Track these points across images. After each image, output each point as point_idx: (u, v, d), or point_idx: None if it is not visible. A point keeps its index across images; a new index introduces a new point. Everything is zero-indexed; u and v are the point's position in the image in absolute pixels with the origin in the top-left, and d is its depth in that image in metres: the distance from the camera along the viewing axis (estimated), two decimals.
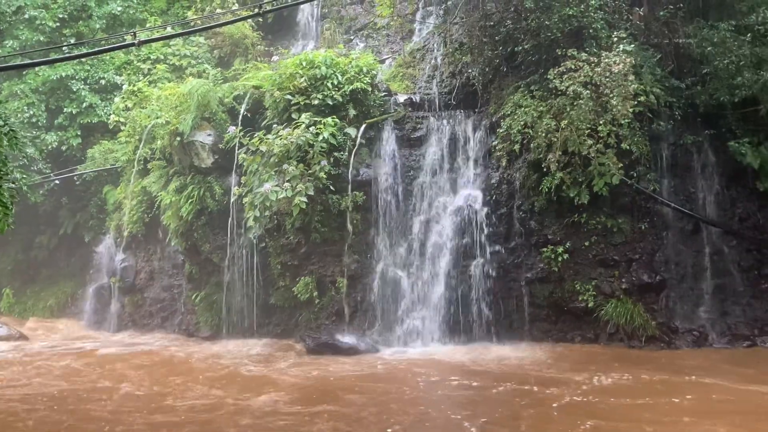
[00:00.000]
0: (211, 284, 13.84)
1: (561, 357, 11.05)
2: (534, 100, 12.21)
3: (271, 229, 12.93)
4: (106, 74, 17.51)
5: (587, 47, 11.85)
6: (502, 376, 9.80)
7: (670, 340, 11.58)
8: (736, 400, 8.42)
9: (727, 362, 10.42)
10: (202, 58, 17.75)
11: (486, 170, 12.99)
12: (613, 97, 11.06)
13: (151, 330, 14.78)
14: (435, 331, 12.22)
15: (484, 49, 13.30)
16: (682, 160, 12.36)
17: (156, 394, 9.37)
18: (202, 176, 13.69)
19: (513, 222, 12.51)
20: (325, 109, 12.71)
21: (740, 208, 12.25)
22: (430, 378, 10.11)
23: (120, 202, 15.86)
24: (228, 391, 9.31)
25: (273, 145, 12.06)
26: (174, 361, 11.74)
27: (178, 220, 13.73)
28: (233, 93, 14.01)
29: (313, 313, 12.83)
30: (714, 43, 11.56)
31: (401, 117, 13.49)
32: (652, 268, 11.93)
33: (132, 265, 15.54)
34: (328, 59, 13.06)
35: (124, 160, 15.73)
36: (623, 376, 9.58)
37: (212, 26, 15.75)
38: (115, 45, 11.05)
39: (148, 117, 14.67)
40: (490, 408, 8.49)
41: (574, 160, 11.48)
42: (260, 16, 14.37)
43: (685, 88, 12.25)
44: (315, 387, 9.59)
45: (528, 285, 12.26)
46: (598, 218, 11.91)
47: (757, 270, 11.93)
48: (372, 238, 12.82)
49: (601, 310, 11.67)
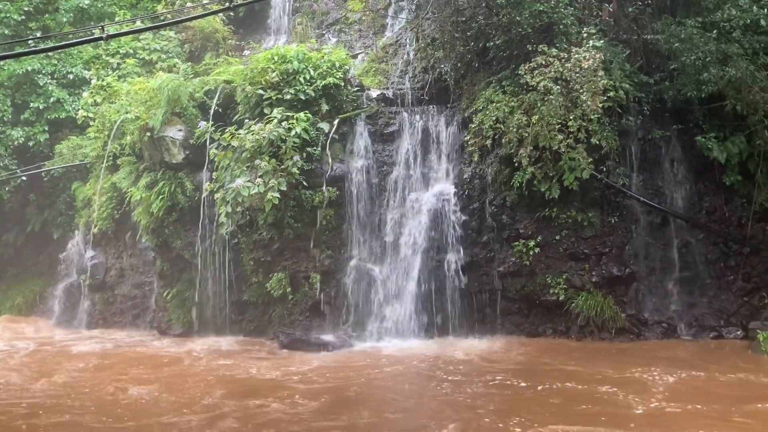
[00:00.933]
0: (182, 281, 13.72)
1: (531, 350, 11.19)
2: (505, 95, 12.29)
3: (244, 225, 12.85)
4: (74, 69, 17.19)
5: (558, 43, 11.97)
6: (473, 368, 9.90)
7: (640, 332, 11.78)
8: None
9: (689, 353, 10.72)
10: (172, 53, 17.52)
11: (458, 165, 13.05)
12: (583, 92, 11.18)
13: (122, 328, 14.57)
14: (408, 325, 12.25)
15: (456, 44, 13.35)
16: (650, 155, 12.54)
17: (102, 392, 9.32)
18: (172, 172, 13.53)
19: (485, 216, 12.60)
20: (297, 104, 12.65)
21: (707, 202, 12.47)
22: (398, 369, 10.21)
23: (89, 199, 15.61)
24: (188, 390, 9.27)
25: (245, 141, 11.98)
26: (139, 359, 11.61)
27: (148, 217, 13.57)
28: (204, 88, 13.87)
29: (287, 309, 12.79)
30: (681, 40, 11.73)
31: (374, 112, 13.47)
32: (622, 261, 12.11)
33: (102, 263, 15.32)
34: (300, 54, 12.99)
35: (93, 155, 15.48)
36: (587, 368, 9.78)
37: (182, 20, 15.57)
38: (82, 39, 10.87)
39: (117, 112, 14.44)
40: (448, 400, 8.59)
41: (544, 155, 11.58)
42: (231, 10, 14.30)
43: (653, 83, 12.42)
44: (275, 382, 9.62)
45: (500, 279, 12.36)
46: (569, 212, 12.04)
47: (723, 262, 12.17)
48: (345, 234, 12.81)
49: (571, 303, 11.82)
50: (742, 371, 9.42)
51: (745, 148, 11.80)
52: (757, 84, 11.25)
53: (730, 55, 11.38)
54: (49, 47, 14.05)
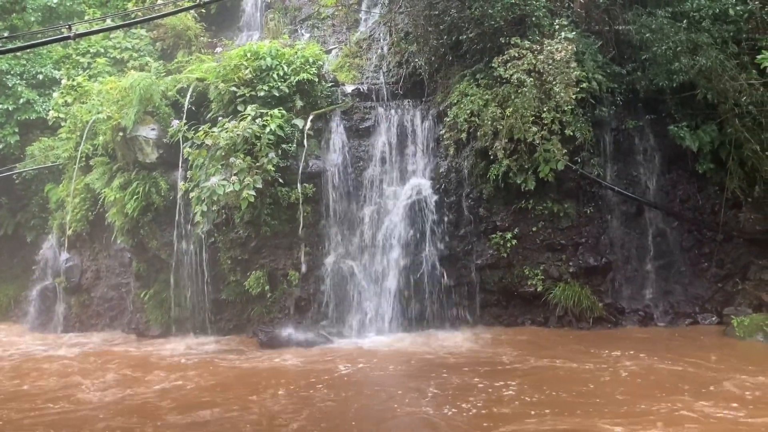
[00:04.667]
0: (159, 281, 13.58)
1: (510, 340, 11.26)
2: (479, 88, 12.31)
3: (220, 223, 12.75)
4: (44, 69, 16.91)
5: (530, 35, 12.00)
6: (453, 361, 9.94)
7: (617, 321, 11.91)
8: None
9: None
10: (143, 51, 17.31)
11: (434, 159, 13.06)
12: (556, 84, 11.24)
13: (99, 330, 14.40)
14: (388, 320, 12.26)
15: (429, 38, 13.34)
16: (624, 145, 12.66)
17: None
18: (146, 172, 13.38)
19: (462, 210, 12.62)
20: (271, 101, 12.57)
21: (681, 191, 12.62)
22: (374, 363, 10.21)
23: (63, 201, 15.37)
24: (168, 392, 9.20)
25: (219, 138, 11.87)
26: (116, 360, 11.48)
27: (123, 217, 13.41)
28: (177, 86, 13.72)
29: (266, 307, 12.72)
30: (652, 30, 11.83)
31: (349, 107, 13.43)
32: (598, 251, 12.21)
33: (77, 265, 15.11)
34: (273, 50, 12.90)
35: (66, 157, 15.24)
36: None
37: (153, 17, 15.32)
38: (51, 38, 10.65)
39: (89, 112, 14.22)
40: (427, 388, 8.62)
41: (519, 147, 11.63)
42: (202, 7, 14.19)
43: (625, 74, 12.51)
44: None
45: (478, 271, 12.41)
46: (545, 204, 12.12)
47: (698, 250, 12.34)
48: (323, 230, 12.77)
49: (549, 294, 11.91)
50: (716, 356, 9.55)
51: (717, 136, 11.96)
52: (727, 73, 11.40)
53: (701, 45, 11.50)
54: (17, 47, 13.77)
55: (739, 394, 7.89)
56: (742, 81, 11.41)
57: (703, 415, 7.21)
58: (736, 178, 11.87)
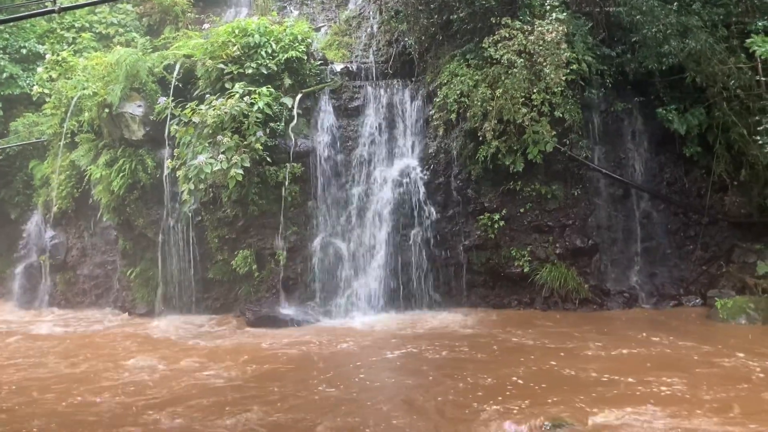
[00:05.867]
0: (146, 260, 13.52)
1: (495, 321, 11.36)
2: (470, 68, 12.25)
3: (207, 202, 12.68)
4: (27, 43, 16.64)
5: (521, 16, 11.94)
6: (438, 341, 10.01)
7: (603, 302, 12.00)
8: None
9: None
10: (130, 27, 17.06)
11: (423, 140, 13.02)
12: (547, 65, 11.20)
13: (85, 308, 14.34)
14: (375, 300, 12.29)
15: (419, 17, 13.23)
16: (612, 127, 12.67)
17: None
18: (133, 149, 13.25)
19: (450, 191, 12.63)
20: (259, 79, 12.45)
21: (668, 173, 12.68)
22: (362, 344, 10.25)
23: (47, 177, 15.21)
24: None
25: (206, 116, 11.76)
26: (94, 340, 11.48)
27: (109, 195, 13.29)
28: (163, 62, 13.53)
29: (253, 286, 12.71)
30: (642, 12, 11.78)
31: (338, 86, 13.34)
32: (585, 233, 12.28)
33: (63, 242, 15.00)
34: (261, 27, 12.76)
35: (51, 133, 15.06)
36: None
37: None
38: (34, 12, 10.51)
39: (74, 88, 14.02)
40: (414, 370, 8.67)
41: (509, 128, 11.61)
42: None
43: (615, 56, 12.48)
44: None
45: (466, 252, 12.45)
46: (533, 185, 12.14)
47: (683, 232, 12.43)
48: (311, 210, 12.74)
49: (536, 275, 11.97)
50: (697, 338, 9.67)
51: (705, 120, 11.99)
52: (716, 56, 11.40)
53: (690, 28, 11.48)
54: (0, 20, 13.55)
55: (710, 373, 8.00)
56: (730, 65, 11.42)
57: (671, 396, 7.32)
58: (723, 162, 11.94)
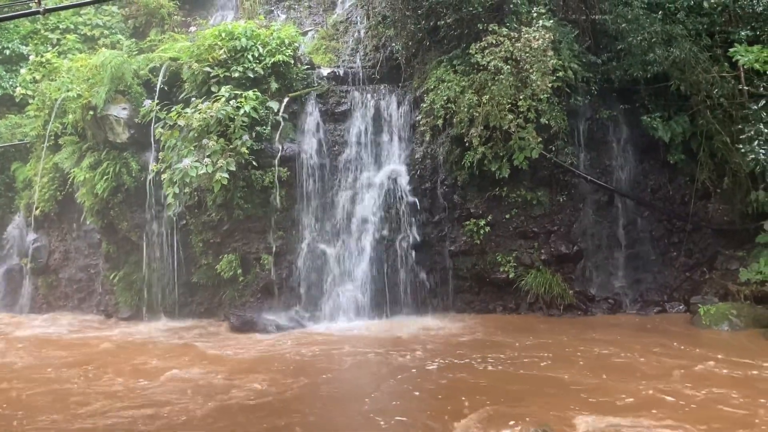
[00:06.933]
0: (129, 263, 13.40)
1: (482, 327, 11.33)
2: (456, 74, 12.29)
3: (192, 206, 12.60)
4: (11, 44, 16.49)
5: (508, 22, 11.99)
6: (421, 347, 9.99)
7: (587, 308, 12.05)
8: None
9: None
10: (115, 29, 16.96)
11: (410, 145, 13.04)
12: (533, 72, 11.26)
13: (67, 311, 14.21)
14: (361, 305, 12.26)
15: (407, 22, 13.24)
16: (598, 134, 12.76)
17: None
18: (117, 152, 13.14)
19: (437, 196, 12.64)
20: (246, 82, 12.40)
21: (652, 180, 12.78)
22: (343, 350, 10.15)
23: (30, 180, 15.05)
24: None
25: (192, 119, 11.69)
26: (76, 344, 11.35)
27: (93, 198, 13.18)
28: (149, 65, 13.45)
29: (238, 290, 12.63)
30: (628, 20, 11.90)
31: (325, 91, 13.32)
32: (570, 239, 12.33)
33: (45, 245, 14.85)
34: (248, 30, 12.71)
35: (34, 135, 14.91)
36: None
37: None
38: (18, 13, 10.38)
39: (58, 90, 13.90)
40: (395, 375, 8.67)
41: (495, 134, 11.65)
42: None
43: (601, 63, 12.59)
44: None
45: (452, 257, 12.46)
46: (519, 191, 12.18)
47: (667, 239, 12.52)
48: (297, 214, 12.69)
49: (521, 281, 12.01)
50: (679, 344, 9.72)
51: (689, 127, 12.12)
52: (700, 65, 11.54)
53: (675, 36, 11.62)
54: None
55: (692, 379, 8.03)
56: (714, 73, 11.56)
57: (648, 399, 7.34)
58: (706, 170, 12.06)
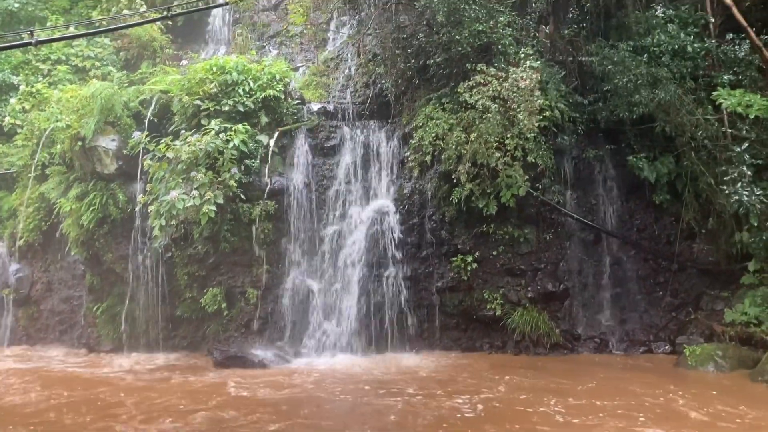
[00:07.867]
0: (113, 295, 13.24)
1: (467, 365, 11.23)
2: (445, 112, 12.41)
3: (178, 238, 12.51)
4: (1, 74, 16.49)
5: (496, 62, 12.17)
6: (405, 387, 9.85)
7: (573, 347, 12.01)
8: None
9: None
10: (107, 60, 17.03)
11: (398, 181, 13.09)
12: (520, 111, 11.39)
13: (48, 344, 13.96)
14: (347, 341, 12.14)
15: (397, 60, 13.43)
16: (584, 173, 12.88)
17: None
18: (104, 183, 13.10)
19: (424, 232, 12.65)
20: (236, 116, 12.46)
21: (638, 220, 12.87)
22: (328, 388, 9.99)
23: (15, 209, 14.93)
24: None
25: (181, 152, 11.70)
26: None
27: (78, 229, 13.07)
28: (139, 97, 13.50)
29: (222, 325, 12.50)
30: (614, 62, 12.13)
31: (315, 126, 13.40)
32: (556, 277, 12.34)
33: (27, 276, 14.65)
34: (239, 65, 12.82)
35: (21, 164, 14.82)
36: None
37: (118, 28, 15.14)
38: (11, 44, 10.39)
39: (47, 120, 13.90)
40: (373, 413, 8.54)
41: (482, 171, 11.73)
42: (169, 19, 14.04)
43: (587, 104, 12.78)
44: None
45: (439, 294, 12.42)
46: (506, 228, 12.22)
47: (653, 279, 12.56)
48: (284, 248, 12.64)
49: (508, 318, 11.97)
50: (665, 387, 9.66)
51: (674, 168, 12.26)
52: (684, 107, 11.74)
53: (660, 79, 11.84)
54: None
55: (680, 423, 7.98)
56: (698, 116, 11.75)
57: None
58: (691, 210, 12.17)
